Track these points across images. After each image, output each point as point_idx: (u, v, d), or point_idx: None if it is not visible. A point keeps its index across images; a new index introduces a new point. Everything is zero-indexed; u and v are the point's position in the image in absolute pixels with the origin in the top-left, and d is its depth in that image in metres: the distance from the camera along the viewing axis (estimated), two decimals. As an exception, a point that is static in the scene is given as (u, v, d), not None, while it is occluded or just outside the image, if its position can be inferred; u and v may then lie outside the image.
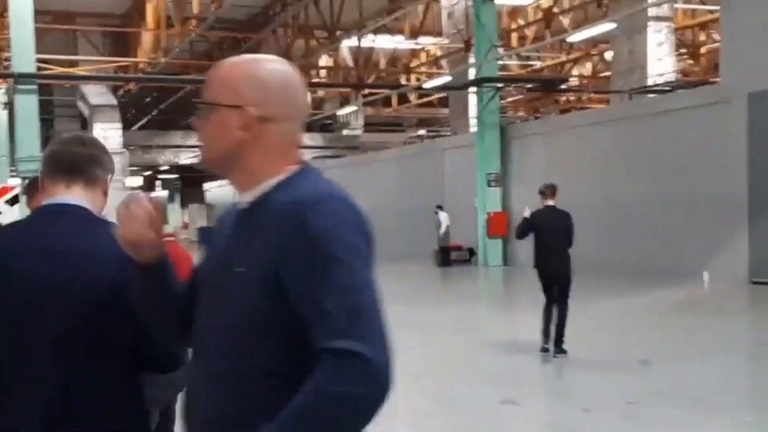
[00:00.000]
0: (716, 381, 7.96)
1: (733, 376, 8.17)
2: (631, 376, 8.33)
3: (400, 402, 7.57)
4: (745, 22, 16.14)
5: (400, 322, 10.00)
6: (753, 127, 16.00)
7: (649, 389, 7.65)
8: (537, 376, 8.48)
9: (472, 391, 7.85)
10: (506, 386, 7.99)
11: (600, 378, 8.42)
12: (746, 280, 16.04)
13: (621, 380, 8.15)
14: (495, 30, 22.07)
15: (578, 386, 8.24)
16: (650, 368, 8.65)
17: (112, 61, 32.42)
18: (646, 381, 8.08)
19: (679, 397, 7.33)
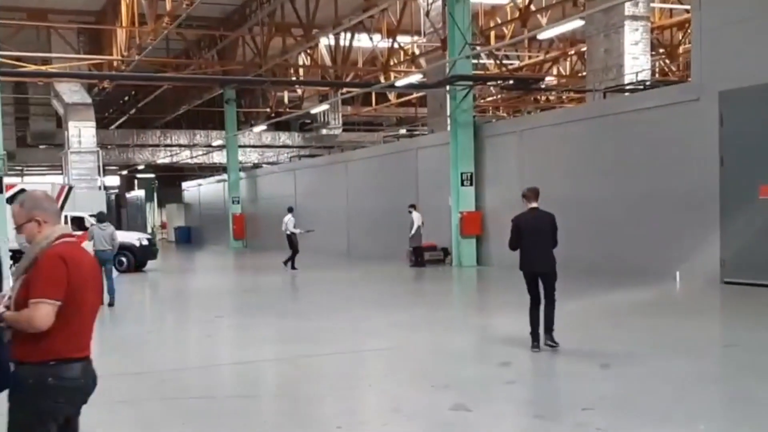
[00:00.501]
0: (674, 386, 7.73)
1: (693, 381, 7.94)
2: (590, 380, 8.10)
3: (347, 407, 7.38)
4: (716, 20, 16.00)
5: (362, 326, 9.88)
6: (724, 126, 15.87)
7: (605, 395, 7.44)
8: (493, 381, 8.20)
9: (424, 397, 7.60)
10: (460, 392, 7.75)
11: (558, 383, 8.21)
12: (718, 280, 15.90)
13: (579, 385, 7.92)
14: (469, 28, 21.81)
15: (534, 392, 8.02)
16: (610, 372, 8.45)
17: (85, 59, 31.96)
18: (605, 386, 7.87)
19: (635, 403, 7.11)
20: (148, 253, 25.40)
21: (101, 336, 12.24)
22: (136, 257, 24.92)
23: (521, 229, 9.49)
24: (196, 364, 9.37)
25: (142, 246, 25.12)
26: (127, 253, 24.45)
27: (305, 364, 9.39)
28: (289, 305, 15.95)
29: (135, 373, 8.90)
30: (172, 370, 9.18)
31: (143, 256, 25.21)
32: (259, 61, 31.56)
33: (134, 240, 25.23)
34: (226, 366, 9.33)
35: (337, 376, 8.69)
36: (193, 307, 16.54)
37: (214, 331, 12.06)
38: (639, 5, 22.40)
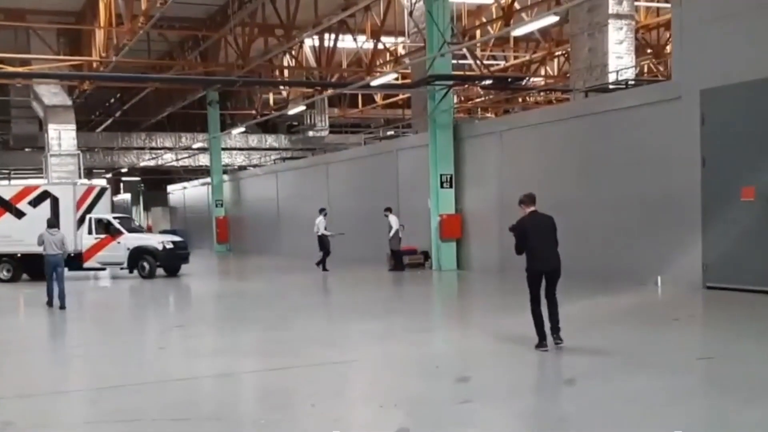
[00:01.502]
0: (639, 406, 7.19)
1: (660, 400, 7.39)
2: (551, 399, 7.62)
3: (286, 428, 6.85)
4: (697, 16, 15.53)
5: (326, 336, 9.26)
6: (706, 125, 15.38)
7: (565, 416, 6.96)
8: (447, 400, 7.63)
9: (367, 418, 7.09)
10: (408, 413, 7.23)
11: (515, 403, 7.59)
12: (700, 285, 15.42)
13: (538, 405, 7.46)
14: (448, 26, 21.30)
15: (487, 414, 7.37)
16: (574, 390, 7.93)
17: (64, 60, 31.40)
18: (565, 407, 7.38)
19: (593, 428, 6.59)
20: (172, 257, 23.62)
21: (45, 347, 11.77)
22: (159, 262, 23.35)
23: (528, 231, 9.74)
24: (135, 381, 8.81)
25: (166, 250, 23.39)
26: (148, 257, 23.27)
27: (252, 380, 8.85)
28: (256, 313, 15.39)
29: (64, 391, 8.35)
30: (107, 387, 8.61)
31: (167, 260, 23.50)
32: (242, 63, 31.06)
33: (156, 243, 23.66)
34: (166, 383, 8.75)
35: (282, 394, 8.16)
36: (157, 315, 15.94)
37: (168, 343, 11.52)
38: (623, 3, 21.94)
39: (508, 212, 20.29)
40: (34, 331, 14.15)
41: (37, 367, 10.22)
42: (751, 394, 7.48)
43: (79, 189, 24.46)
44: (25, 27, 31.47)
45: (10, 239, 23.56)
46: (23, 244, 22.68)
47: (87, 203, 24.20)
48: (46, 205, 23.51)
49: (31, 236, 22.30)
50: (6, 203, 24.14)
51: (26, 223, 23.33)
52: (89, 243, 23.43)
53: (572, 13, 23.05)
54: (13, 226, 23.68)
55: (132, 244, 23.30)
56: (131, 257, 23.19)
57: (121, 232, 23.40)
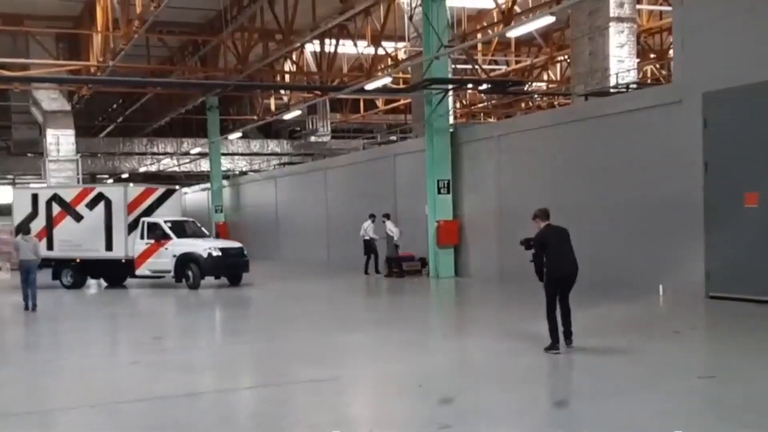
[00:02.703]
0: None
1: (652, 426, 6.90)
2: (535, 426, 7.10)
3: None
4: (698, 17, 15.05)
5: (308, 349, 8.60)
6: (708, 129, 14.89)
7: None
8: (425, 425, 7.10)
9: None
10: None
11: (496, 428, 7.07)
12: (703, 294, 14.91)
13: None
14: (445, 30, 20.86)
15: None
16: (563, 414, 7.45)
17: (62, 65, 31.09)
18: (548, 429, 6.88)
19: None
20: (219, 265, 21.12)
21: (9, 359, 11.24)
22: (203, 270, 20.98)
23: (548, 242, 10.22)
24: (94, 401, 8.32)
25: (212, 257, 20.96)
26: (192, 265, 21.07)
27: (215, 401, 8.31)
28: (241, 324, 14.97)
29: (15, 413, 7.87)
30: (62, 409, 8.14)
31: (213, 268, 21.08)
32: (241, 67, 30.74)
33: (200, 250, 21.14)
34: (124, 404, 8.22)
35: (245, 417, 7.65)
36: (137, 326, 15.45)
37: (142, 357, 11.03)
38: (624, 6, 21.49)
39: (507, 218, 20.04)
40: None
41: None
42: (755, 419, 6.97)
43: (132, 191, 22.78)
44: (23, 32, 31.17)
45: (70, 243, 22.55)
46: (81, 249, 22.22)
47: (144, 206, 22.50)
48: (101, 208, 22.34)
49: (89, 240, 22.08)
50: (67, 206, 22.90)
51: (84, 226, 22.45)
52: (141, 249, 21.76)
53: (573, 16, 22.64)
54: (72, 230, 22.58)
55: (179, 250, 21.23)
56: (178, 265, 21.21)
57: (169, 237, 21.46)
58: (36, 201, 23.23)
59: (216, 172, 39.54)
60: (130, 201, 22.18)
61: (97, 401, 8.37)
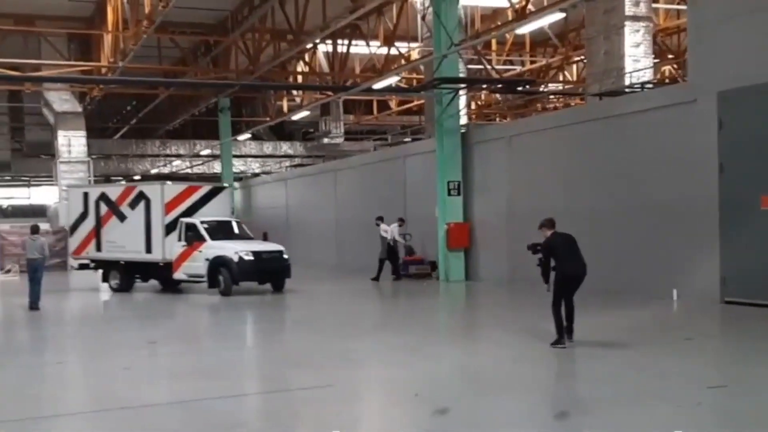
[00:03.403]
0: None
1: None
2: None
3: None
4: (713, 15, 14.61)
5: (305, 356, 8.05)
6: (723, 130, 14.43)
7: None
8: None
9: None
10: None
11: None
12: (718, 299, 14.45)
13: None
14: (455, 28, 20.48)
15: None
16: (564, 425, 7.05)
17: (73, 66, 31.01)
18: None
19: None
20: (251, 270, 19.18)
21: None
22: (233, 275, 19.01)
23: (556, 248, 10.90)
24: (78, 409, 8.03)
25: (243, 261, 19.01)
26: (223, 270, 19.18)
27: (203, 408, 7.94)
28: (239, 327, 14.64)
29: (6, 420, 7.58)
30: (45, 417, 7.81)
31: (244, 273, 19.09)
32: (252, 68, 30.55)
33: (231, 254, 19.11)
34: (109, 412, 7.91)
35: (228, 427, 7.31)
36: (134, 329, 15.15)
37: (135, 362, 10.70)
38: (640, 5, 21.02)
39: (518, 221, 19.63)
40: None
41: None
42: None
43: (171, 189, 21.08)
44: (35, 32, 31.11)
45: (115, 245, 21.53)
46: (125, 251, 21.27)
47: (185, 206, 20.82)
48: (142, 208, 21.04)
49: (132, 242, 20.97)
50: (113, 205, 21.69)
51: (128, 226, 21.27)
52: (178, 251, 20.13)
53: (588, 15, 22.20)
54: (117, 231, 21.48)
55: (211, 253, 19.39)
56: (211, 269, 19.39)
57: (204, 239, 19.74)
58: (87, 200, 22.29)
59: (227, 173, 39.30)
60: (167, 200, 20.66)
61: (81, 410, 8.07)
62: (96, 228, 21.90)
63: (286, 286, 19.96)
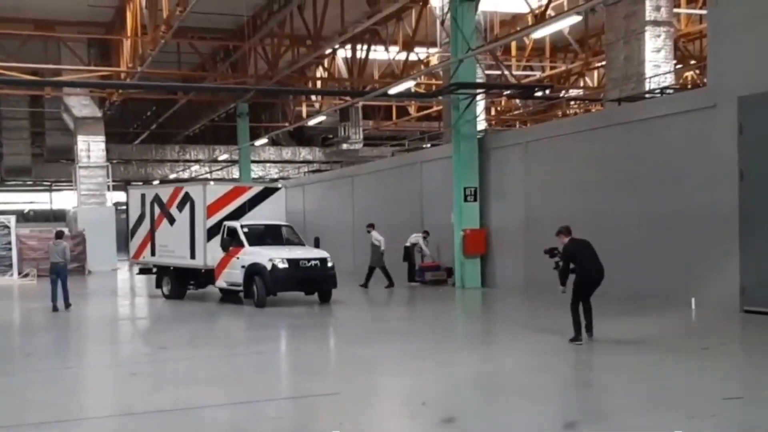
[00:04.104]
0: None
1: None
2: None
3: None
4: (734, 18, 14.34)
5: (313, 362, 7.81)
6: (744, 135, 14.15)
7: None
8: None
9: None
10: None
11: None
12: (737, 308, 14.15)
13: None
14: (473, 33, 20.32)
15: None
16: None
17: (93, 71, 31.17)
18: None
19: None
20: (288, 279, 17.41)
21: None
22: (266, 284, 17.31)
23: (576, 254, 11.60)
24: (76, 416, 7.92)
25: (276, 270, 17.27)
26: (257, 279, 17.50)
27: (204, 416, 7.83)
28: (247, 333, 14.49)
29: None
30: (44, 423, 7.70)
31: (277, 282, 17.35)
32: (271, 73, 30.58)
33: (265, 261, 17.44)
34: (107, 419, 7.83)
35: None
36: (144, 335, 15.08)
37: (142, 368, 10.61)
38: (661, 10, 20.75)
39: (535, 227, 19.42)
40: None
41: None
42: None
43: (214, 190, 19.50)
44: (55, 38, 31.31)
45: (166, 249, 20.34)
46: (174, 256, 20.01)
47: (231, 207, 19.35)
48: (188, 210, 19.60)
49: (179, 246, 19.71)
50: (164, 207, 20.45)
51: (176, 230, 19.97)
52: (220, 257, 18.65)
53: (608, 20, 21.97)
54: (167, 234, 20.24)
55: (247, 260, 17.80)
56: (246, 278, 17.82)
57: (242, 244, 18.19)
58: (144, 202, 21.25)
59: (246, 179, 39.34)
60: (210, 202, 19.04)
61: (80, 417, 7.97)
62: (151, 231, 20.92)
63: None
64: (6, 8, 28.81)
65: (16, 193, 60.86)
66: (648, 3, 20.17)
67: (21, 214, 52.68)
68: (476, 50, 19.62)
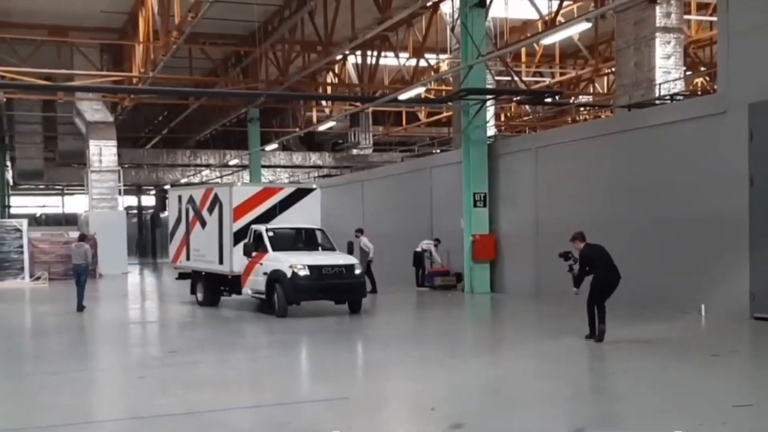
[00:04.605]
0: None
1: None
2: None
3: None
4: (744, 25, 14.33)
5: (321, 366, 8.02)
6: (754, 142, 14.13)
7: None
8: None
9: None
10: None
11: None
12: (747, 315, 14.11)
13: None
14: (483, 39, 20.36)
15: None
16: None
17: (105, 76, 31.37)
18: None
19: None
20: (307, 287, 16.00)
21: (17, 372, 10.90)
22: (286, 293, 16.04)
23: (594, 259, 12.08)
24: (81, 419, 7.97)
25: (296, 277, 15.93)
26: (278, 287, 16.21)
27: (212, 420, 7.87)
28: (261, 338, 14.54)
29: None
30: (53, 426, 7.77)
31: (297, 291, 16.03)
32: (282, 79, 30.72)
33: (285, 267, 16.13)
34: (113, 423, 7.87)
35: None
36: (154, 339, 15.11)
37: (151, 371, 10.67)
38: (671, 16, 20.72)
39: (545, 233, 19.43)
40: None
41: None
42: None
43: (241, 192, 18.43)
44: (68, 43, 31.53)
45: (199, 253, 19.31)
46: (205, 261, 18.92)
47: (260, 210, 18.10)
48: (216, 213, 18.49)
49: (210, 251, 18.61)
50: (197, 209, 19.43)
51: (207, 233, 18.89)
52: (245, 263, 17.47)
53: (618, 26, 21.96)
54: (200, 237, 19.25)
55: (270, 267, 16.54)
56: (268, 285, 16.55)
57: (266, 249, 16.98)
58: (180, 204, 20.36)
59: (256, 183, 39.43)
60: (237, 204, 17.89)
61: (85, 420, 8.02)
62: (186, 234, 19.95)
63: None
64: (20, 14, 29.07)
65: (28, 196, 61.42)
66: (658, 9, 20.15)
67: (33, 218, 53.09)
68: (486, 56, 19.66)
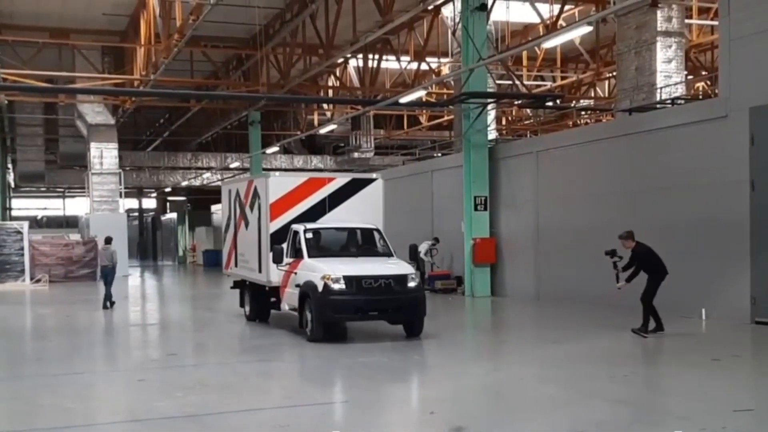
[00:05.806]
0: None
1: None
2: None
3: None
4: (745, 29, 14.32)
5: (322, 370, 7.90)
6: (755, 146, 14.12)
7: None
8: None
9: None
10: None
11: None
12: (748, 319, 14.09)
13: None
14: (484, 43, 20.36)
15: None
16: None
17: (107, 78, 31.39)
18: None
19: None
20: (344, 304, 12.77)
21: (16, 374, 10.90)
22: (318, 311, 12.87)
23: (650, 255, 13.09)
24: (82, 422, 7.97)
25: (328, 290, 12.73)
26: (309, 302, 13.10)
27: (211, 422, 7.87)
28: (257, 341, 14.47)
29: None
30: (46, 429, 7.74)
31: (333, 308, 12.78)
32: (283, 82, 30.74)
33: (317, 279, 12.95)
34: (112, 426, 7.86)
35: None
36: (153, 342, 15.10)
37: (150, 374, 10.66)
38: (672, 21, 20.76)
39: (545, 236, 19.45)
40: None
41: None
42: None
43: (278, 184, 14.93)
44: (70, 46, 31.56)
45: (243, 258, 16.52)
46: (248, 268, 16.10)
47: (305, 206, 14.77)
48: (257, 209, 15.40)
49: (251, 256, 15.69)
50: (242, 207, 16.45)
51: (249, 234, 16.00)
52: (283, 271, 14.35)
53: (619, 31, 21.99)
54: (244, 240, 16.39)
55: (303, 277, 13.47)
56: (300, 301, 13.48)
57: (302, 255, 13.77)
58: (230, 200, 17.50)
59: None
60: (275, 199, 14.66)
61: (84, 423, 8.00)
62: (234, 236, 17.17)
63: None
64: (22, 16, 29.11)
65: (29, 199, 61.45)
66: (659, 13, 20.18)
67: (34, 220, 53.12)
68: (487, 60, 19.66)
